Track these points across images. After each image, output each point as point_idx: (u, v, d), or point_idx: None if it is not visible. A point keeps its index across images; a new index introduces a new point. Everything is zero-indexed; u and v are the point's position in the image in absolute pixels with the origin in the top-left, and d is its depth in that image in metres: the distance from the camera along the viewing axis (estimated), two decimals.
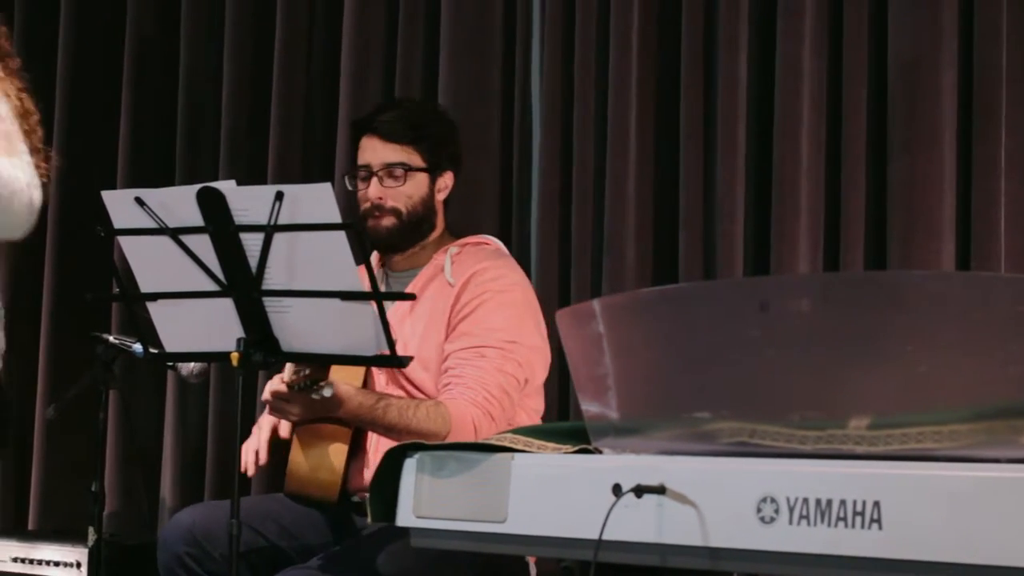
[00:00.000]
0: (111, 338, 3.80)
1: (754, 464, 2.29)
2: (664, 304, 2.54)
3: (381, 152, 3.64)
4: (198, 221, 3.00)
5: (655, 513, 2.34)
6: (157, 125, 5.33)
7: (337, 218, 2.96)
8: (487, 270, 3.61)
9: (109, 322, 5.14)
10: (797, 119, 4.08)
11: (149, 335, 3.25)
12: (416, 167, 3.64)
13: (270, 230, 2.96)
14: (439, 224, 3.72)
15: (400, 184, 3.63)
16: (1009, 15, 3.87)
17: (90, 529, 3.74)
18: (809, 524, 2.20)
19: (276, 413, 3.40)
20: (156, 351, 3.26)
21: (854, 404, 2.28)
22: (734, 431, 2.35)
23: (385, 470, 2.67)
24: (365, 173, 3.64)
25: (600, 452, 2.55)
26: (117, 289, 3.36)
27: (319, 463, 3.55)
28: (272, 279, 3.02)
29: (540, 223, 4.53)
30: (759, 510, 2.24)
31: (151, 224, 3.04)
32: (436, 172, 3.68)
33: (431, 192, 3.67)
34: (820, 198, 4.07)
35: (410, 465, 2.65)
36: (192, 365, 3.73)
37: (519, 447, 2.60)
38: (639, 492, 2.34)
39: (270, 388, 3.39)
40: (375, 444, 3.55)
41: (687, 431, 2.40)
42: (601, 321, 2.50)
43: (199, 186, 2.99)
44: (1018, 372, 2.13)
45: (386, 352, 3.02)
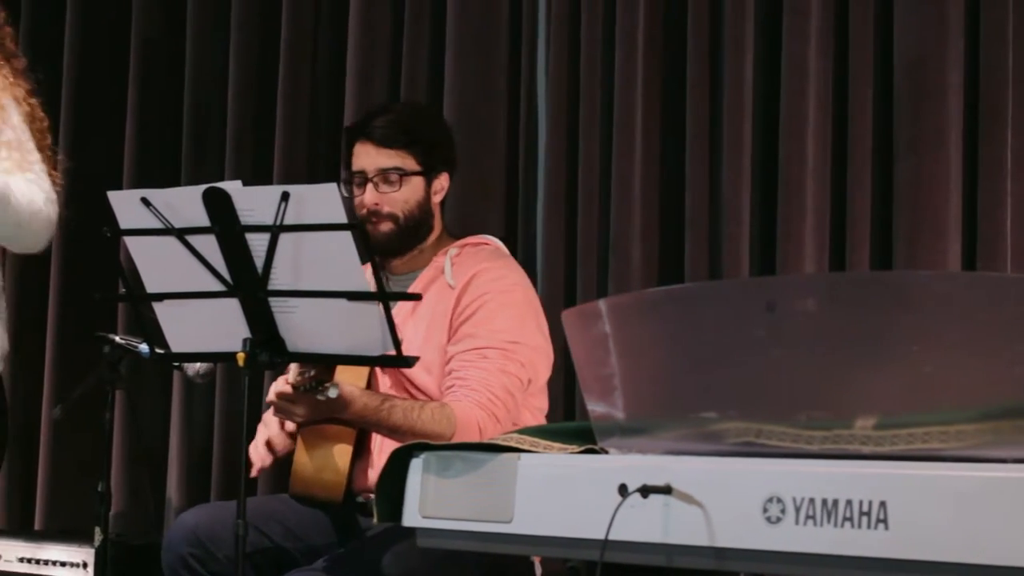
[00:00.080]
0: (117, 338, 3.80)
1: (760, 464, 2.29)
2: (670, 304, 2.54)
3: (375, 158, 3.62)
4: (204, 221, 3.00)
5: (661, 513, 2.34)
6: (163, 125, 5.33)
7: (343, 218, 2.96)
8: (487, 271, 3.60)
9: (115, 322, 5.14)
10: (803, 119, 4.08)
11: (155, 335, 3.25)
12: (411, 171, 3.62)
13: (276, 230, 2.96)
14: (437, 226, 3.71)
15: (396, 189, 3.61)
16: (1015, 15, 3.87)
17: (96, 529, 3.75)
18: (816, 524, 2.20)
19: (281, 414, 3.40)
20: (162, 351, 3.26)
21: (860, 404, 2.27)
22: (740, 431, 2.34)
23: (391, 470, 2.67)
24: (360, 179, 3.62)
25: (606, 452, 2.55)
26: (123, 289, 3.35)
27: (324, 464, 3.55)
28: (278, 279, 3.02)
29: (546, 223, 4.53)
30: (765, 510, 2.24)
31: (157, 224, 3.04)
32: (431, 175, 3.66)
33: (427, 195, 3.66)
34: (826, 198, 4.07)
35: (416, 465, 2.64)
36: (198, 365, 3.73)
37: (525, 447, 2.59)
38: (645, 492, 2.34)
39: (275, 389, 3.38)
40: (379, 445, 3.54)
41: (693, 431, 2.40)
42: (607, 321, 2.50)
43: (205, 186, 2.99)
44: None
45: (392, 352, 3.02)
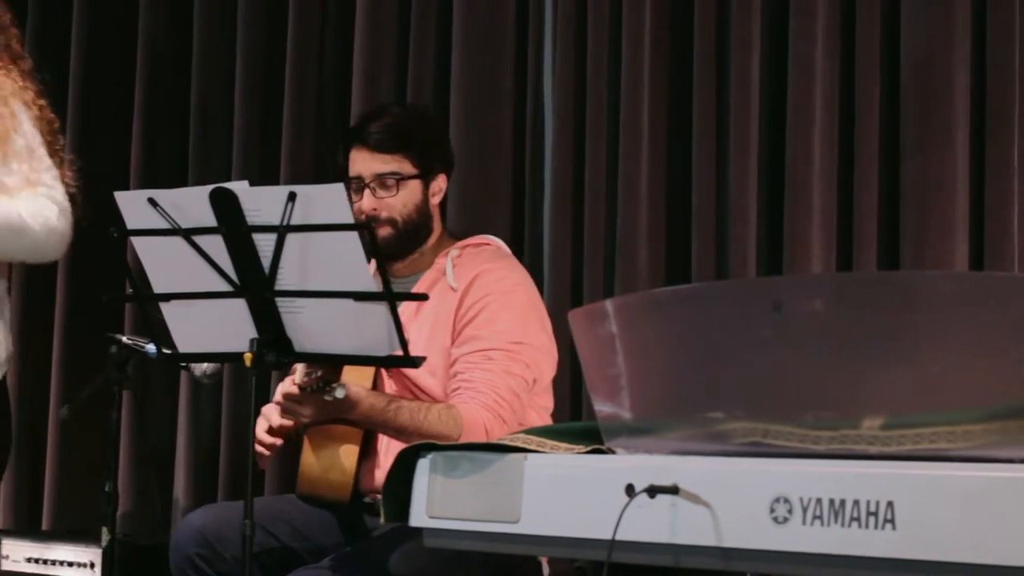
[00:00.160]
0: (124, 338, 3.79)
1: (767, 464, 2.29)
2: (677, 304, 2.54)
3: (371, 163, 3.60)
4: (211, 222, 3.00)
5: (668, 513, 2.34)
6: (169, 125, 5.34)
7: (350, 218, 2.96)
8: (489, 272, 3.60)
9: (122, 322, 5.15)
10: (810, 119, 4.07)
11: (162, 335, 3.25)
12: (408, 175, 3.61)
13: (283, 230, 2.96)
14: (436, 228, 3.70)
15: (393, 194, 3.59)
16: (1022, 15, 3.87)
17: (104, 529, 3.74)
18: (823, 524, 2.20)
19: (288, 415, 3.40)
20: (169, 351, 3.27)
21: (867, 404, 2.27)
22: (747, 431, 2.34)
23: (398, 470, 2.67)
24: (357, 185, 3.60)
25: (613, 452, 2.55)
26: (130, 290, 3.35)
27: (330, 464, 3.55)
28: (285, 279, 3.02)
29: (552, 223, 4.53)
30: (772, 510, 2.24)
31: (164, 225, 3.04)
32: (428, 177, 3.64)
33: (425, 197, 3.64)
34: (833, 198, 4.07)
35: (423, 465, 2.65)
36: (205, 365, 3.73)
37: (532, 447, 2.59)
38: (652, 492, 2.34)
39: (281, 390, 3.38)
40: (386, 445, 3.54)
41: (700, 431, 2.40)
42: (614, 321, 2.50)
43: (212, 187, 2.99)
44: None
45: (399, 353, 3.02)
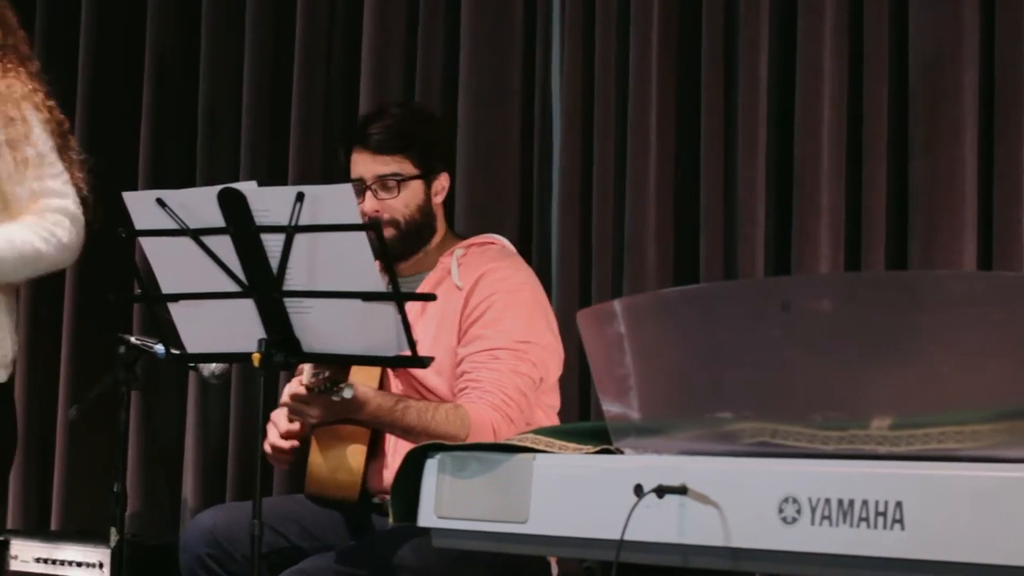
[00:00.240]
0: (133, 339, 3.80)
1: (776, 464, 2.28)
2: (685, 304, 2.54)
3: (372, 165, 3.59)
4: (219, 222, 3.00)
5: (677, 513, 2.34)
6: (178, 126, 5.34)
7: (357, 219, 2.96)
8: (495, 271, 3.60)
9: (131, 323, 5.15)
10: (818, 119, 4.07)
11: (170, 336, 3.25)
12: (409, 176, 3.60)
13: (291, 231, 2.96)
14: (440, 227, 3.69)
15: (395, 195, 3.58)
16: None
17: (112, 529, 3.74)
18: (831, 524, 2.19)
19: (295, 416, 3.40)
20: (178, 352, 3.27)
21: (876, 404, 2.27)
22: (756, 431, 2.34)
23: (406, 471, 2.67)
24: (359, 187, 3.58)
25: (621, 452, 2.55)
26: (139, 290, 3.35)
27: (338, 464, 3.55)
28: (293, 280, 3.02)
29: (561, 223, 4.53)
30: (781, 510, 2.24)
31: (172, 225, 3.04)
32: (430, 177, 3.64)
33: (427, 197, 3.64)
34: (841, 198, 4.06)
35: (431, 465, 2.65)
36: (213, 366, 3.73)
37: (540, 447, 2.59)
38: (661, 492, 2.34)
39: (289, 391, 3.38)
40: (394, 445, 3.54)
41: (709, 431, 2.40)
42: (622, 321, 2.50)
43: (220, 187, 2.99)
44: None
45: (407, 353, 3.02)
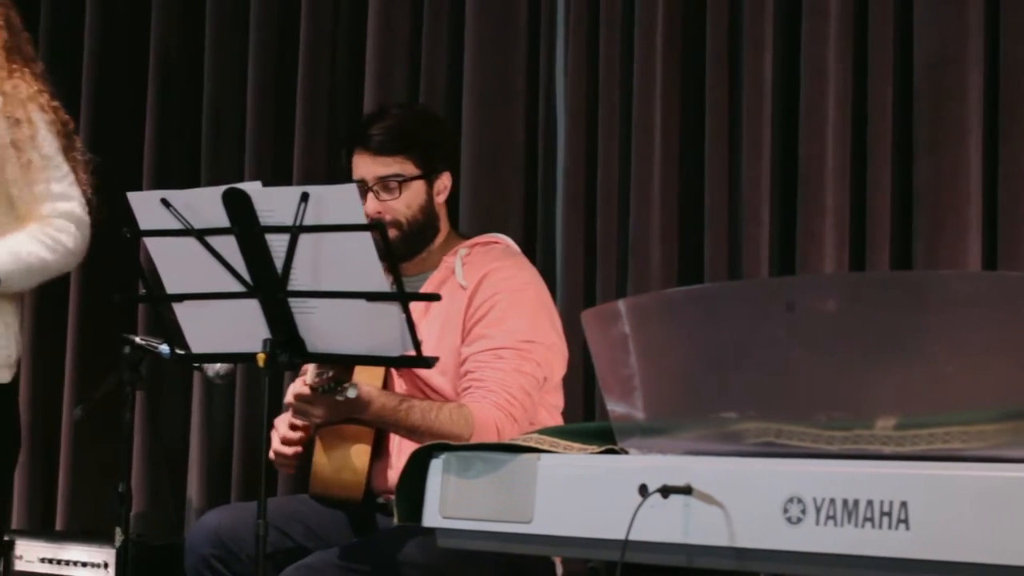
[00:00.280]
0: (138, 339, 3.80)
1: (781, 464, 2.28)
2: (690, 304, 2.54)
3: (373, 167, 3.59)
4: (224, 222, 3.01)
5: (681, 513, 2.34)
6: (182, 126, 5.34)
7: (362, 219, 2.96)
8: (499, 270, 3.59)
9: (135, 323, 5.15)
10: (822, 119, 4.07)
11: (175, 336, 3.25)
12: (410, 176, 3.59)
13: (296, 231, 2.96)
14: (443, 227, 3.69)
15: (396, 196, 3.58)
16: None
17: (117, 530, 3.75)
18: (836, 524, 2.19)
19: (299, 416, 3.40)
20: (182, 352, 3.27)
21: (881, 404, 2.27)
22: (760, 431, 2.34)
23: (411, 471, 2.67)
24: (361, 189, 3.55)
25: (626, 452, 2.55)
26: (143, 290, 3.36)
27: (342, 464, 3.55)
28: (297, 280, 3.02)
29: (565, 224, 4.52)
30: (786, 510, 2.24)
31: (177, 225, 3.04)
32: (432, 176, 3.63)
33: (429, 197, 3.63)
34: (846, 198, 4.06)
35: (436, 466, 2.65)
36: (218, 366, 3.73)
37: (545, 447, 2.60)
38: (665, 492, 2.34)
39: (293, 391, 3.38)
40: (398, 445, 3.54)
41: (713, 431, 2.40)
42: (627, 321, 2.50)
43: (225, 187, 2.99)
44: None
45: (411, 353, 3.02)
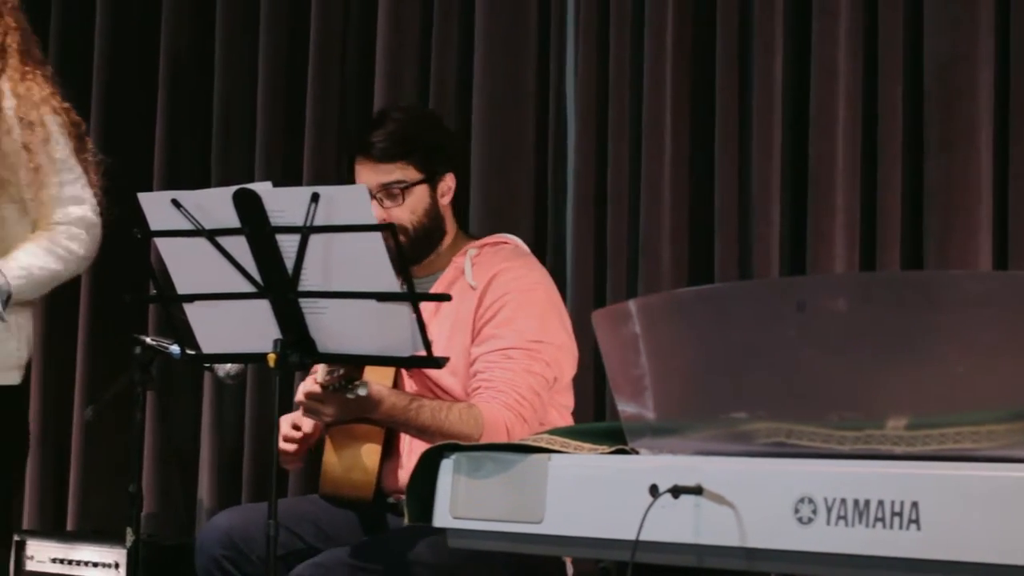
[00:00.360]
0: (148, 339, 3.80)
1: (791, 464, 2.28)
2: (700, 304, 2.54)
3: (375, 175, 3.58)
4: (234, 223, 3.01)
5: (692, 514, 2.34)
6: (193, 127, 5.34)
7: (373, 219, 2.96)
8: (508, 270, 3.59)
9: (146, 323, 5.15)
10: (833, 119, 4.06)
11: (186, 336, 3.26)
12: (413, 181, 3.59)
13: (306, 231, 2.96)
14: (450, 228, 3.69)
15: (400, 203, 3.57)
16: None
17: (128, 530, 3.74)
18: (847, 525, 2.19)
19: (310, 414, 3.40)
20: (193, 352, 3.27)
21: (892, 404, 2.27)
22: (771, 431, 2.34)
23: (421, 471, 2.67)
24: None
25: (637, 453, 2.55)
26: (154, 291, 3.36)
27: (352, 463, 3.55)
28: (308, 280, 3.02)
29: (575, 225, 4.52)
30: (797, 511, 2.24)
31: (187, 226, 3.04)
32: (435, 179, 3.62)
33: (434, 200, 3.63)
34: (856, 198, 4.06)
35: (447, 466, 2.65)
36: (228, 366, 3.73)
37: (555, 447, 2.60)
38: (676, 493, 2.34)
39: (303, 389, 3.39)
40: (408, 445, 3.54)
41: (724, 431, 2.40)
42: (637, 322, 2.50)
43: (235, 188, 2.99)
44: None
45: (422, 353, 3.02)
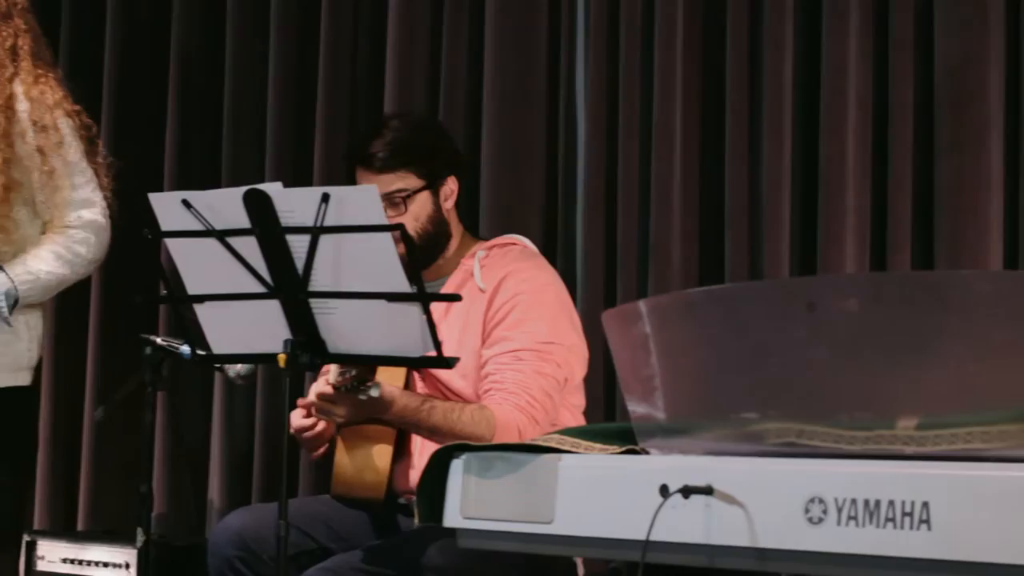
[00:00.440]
0: (159, 340, 3.81)
1: (802, 464, 2.28)
2: (711, 304, 2.54)
3: (377, 184, 3.58)
4: (245, 223, 3.01)
5: (702, 514, 2.34)
6: (203, 127, 5.35)
7: (383, 220, 2.96)
8: (518, 272, 3.59)
9: (157, 324, 5.16)
10: (843, 119, 4.06)
11: (196, 337, 3.26)
12: (415, 188, 3.58)
13: (316, 232, 2.97)
14: (455, 231, 3.68)
15: (402, 211, 3.56)
16: None
17: (139, 530, 3.75)
18: (857, 525, 2.19)
19: (322, 415, 3.40)
20: (203, 353, 3.27)
21: (902, 404, 2.27)
22: (781, 431, 2.34)
23: (432, 471, 2.68)
24: None
25: (647, 453, 2.55)
26: (164, 291, 3.36)
27: (364, 464, 3.55)
28: (318, 281, 3.02)
29: (585, 225, 4.53)
30: (807, 511, 2.24)
31: (198, 226, 3.05)
32: (436, 184, 3.61)
33: (436, 205, 3.62)
34: (867, 198, 4.06)
35: (457, 466, 2.65)
36: (239, 366, 3.74)
37: (566, 448, 2.60)
38: (686, 493, 2.33)
39: (315, 390, 3.39)
40: (420, 446, 3.54)
41: (734, 431, 2.40)
42: (647, 322, 2.50)
43: (246, 188, 2.99)
44: None
45: (432, 354, 3.02)
